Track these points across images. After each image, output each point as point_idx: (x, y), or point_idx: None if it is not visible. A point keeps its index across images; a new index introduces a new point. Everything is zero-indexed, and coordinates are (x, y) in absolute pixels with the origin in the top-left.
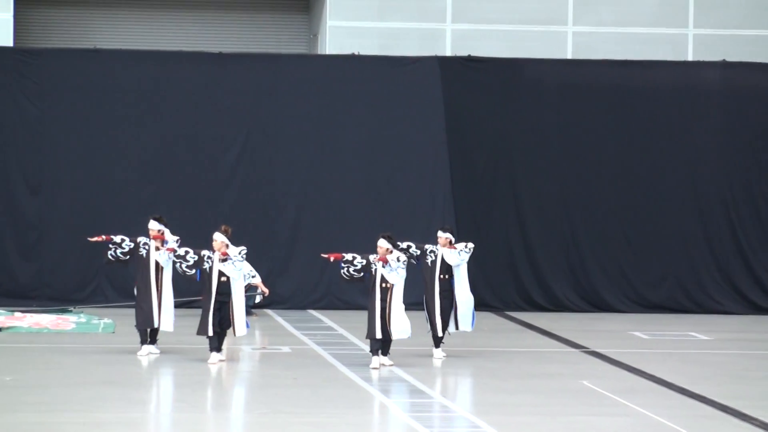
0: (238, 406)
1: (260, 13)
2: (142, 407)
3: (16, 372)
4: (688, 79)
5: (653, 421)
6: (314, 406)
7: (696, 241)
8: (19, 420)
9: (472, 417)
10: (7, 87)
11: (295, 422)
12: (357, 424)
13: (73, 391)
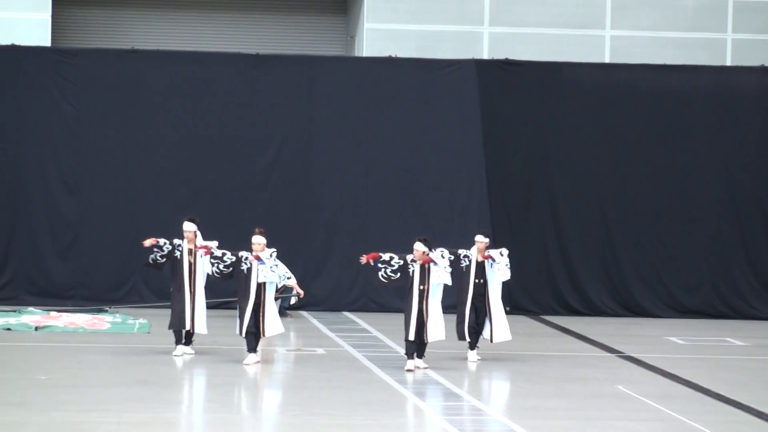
0: (271, 408)
1: (298, 14)
2: (176, 407)
3: (51, 371)
4: (725, 84)
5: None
6: (348, 409)
7: (733, 246)
8: (53, 419)
9: (507, 420)
10: (45, 86)
11: (328, 424)
12: (391, 427)
13: (107, 391)
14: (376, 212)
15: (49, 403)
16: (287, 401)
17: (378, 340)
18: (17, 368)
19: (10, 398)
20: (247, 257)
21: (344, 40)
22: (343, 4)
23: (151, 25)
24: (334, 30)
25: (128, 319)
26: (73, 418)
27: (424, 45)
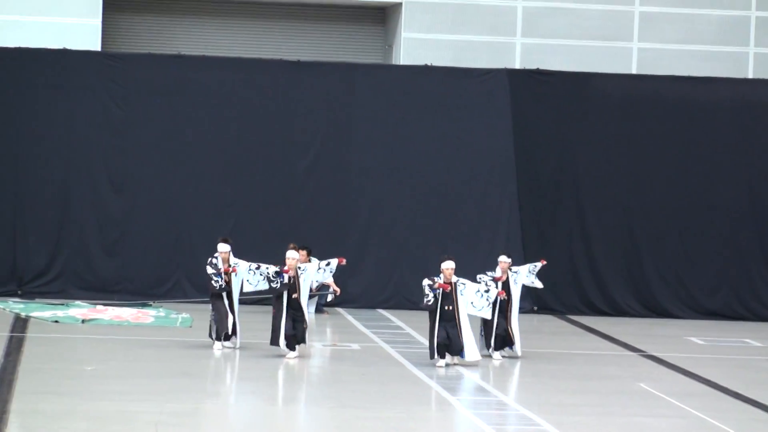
0: (308, 400)
1: (338, 23)
2: (216, 399)
3: (97, 362)
4: (747, 95)
5: (707, 424)
6: (381, 402)
7: (751, 251)
8: (99, 408)
9: (533, 415)
10: (94, 89)
11: (362, 416)
12: (422, 420)
13: (150, 382)
14: (409, 215)
15: (95, 392)
16: (323, 394)
17: (411, 336)
18: (65, 359)
19: (57, 388)
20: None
21: (382, 48)
22: (381, 14)
23: (196, 32)
24: (372, 39)
25: (171, 313)
26: (117, 407)
27: (459, 54)
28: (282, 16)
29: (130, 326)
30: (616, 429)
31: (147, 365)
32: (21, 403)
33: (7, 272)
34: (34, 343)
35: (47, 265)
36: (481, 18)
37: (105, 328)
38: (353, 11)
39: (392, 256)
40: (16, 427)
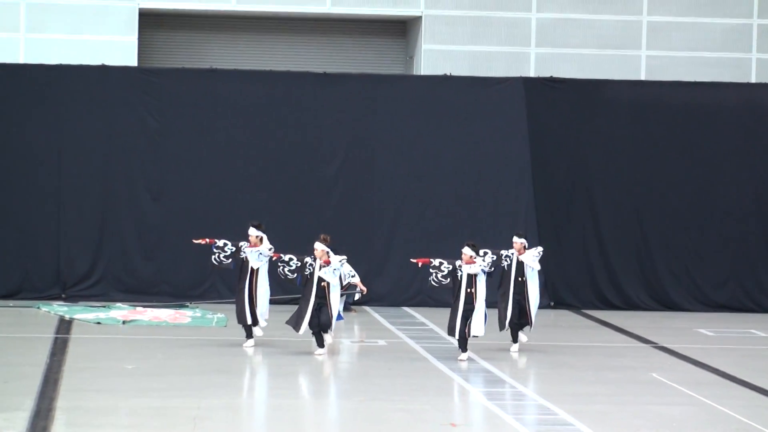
0: (337, 394)
1: (361, 36)
2: (250, 394)
3: (137, 361)
4: (750, 99)
5: (717, 411)
6: (407, 394)
7: (756, 247)
8: (140, 404)
9: (551, 405)
10: (131, 103)
11: (389, 408)
12: (445, 410)
13: (188, 379)
14: (431, 216)
15: (136, 390)
16: (352, 388)
17: (434, 332)
18: (107, 358)
19: (100, 386)
20: (311, 263)
21: (403, 60)
22: (402, 27)
23: (227, 47)
24: (394, 51)
25: (207, 313)
26: (157, 403)
27: (477, 64)
28: (308, 30)
29: (168, 326)
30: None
31: (184, 363)
32: (66, 401)
33: (52, 277)
34: (77, 344)
35: (89, 270)
36: (497, 30)
37: (144, 329)
38: (376, 25)
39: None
40: (62, 424)
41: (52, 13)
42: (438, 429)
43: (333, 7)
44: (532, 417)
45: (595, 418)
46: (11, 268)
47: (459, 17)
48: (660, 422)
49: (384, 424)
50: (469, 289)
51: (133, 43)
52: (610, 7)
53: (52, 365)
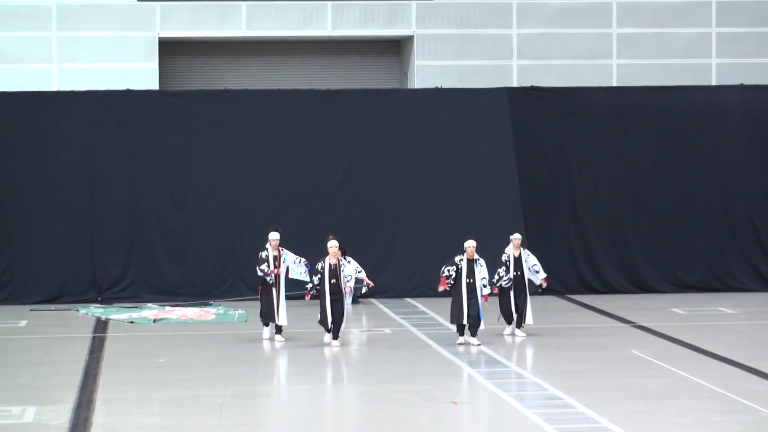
0: (349, 379)
1: (359, 55)
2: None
3: (168, 354)
4: (712, 100)
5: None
6: (411, 377)
7: (722, 233)
8: (171, 394)
9: (542, 382)
10: (154, 122)
11: (396, 390)
12: (447, 390)
13: (214, 369)
14: (429, 215)
15: (167, 381)
16: (361, 372)
17: (435, 320)
18: (140, 353)
19: (135, 378)
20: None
21: (398, 75)
22: (396, 46)
23: (239, 69)
24: (390, 67)
25: (229, 310)
26: (186, 392)
27: (465, 77)
28: (311, 52)
29: (194, 323)
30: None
31: (210, 356)
32: (105, 393)
33: (89, 282)
34: (113, 342)
35: (121, 275)
36: (482, 45)
37: (173, 326)
38: (372, 45)
39: (416, 253)
40: (102, 413)
41: (80, 45)
42: (441, 407)
43: (333, 30)
44: (526, 393)
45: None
46: (52, 275)
47: (447, 35)
48: (640, 393)
49: (392, 404)
50: (469, 279)
51: (154, 69)
52: (583, 21)
53: (91, 361)
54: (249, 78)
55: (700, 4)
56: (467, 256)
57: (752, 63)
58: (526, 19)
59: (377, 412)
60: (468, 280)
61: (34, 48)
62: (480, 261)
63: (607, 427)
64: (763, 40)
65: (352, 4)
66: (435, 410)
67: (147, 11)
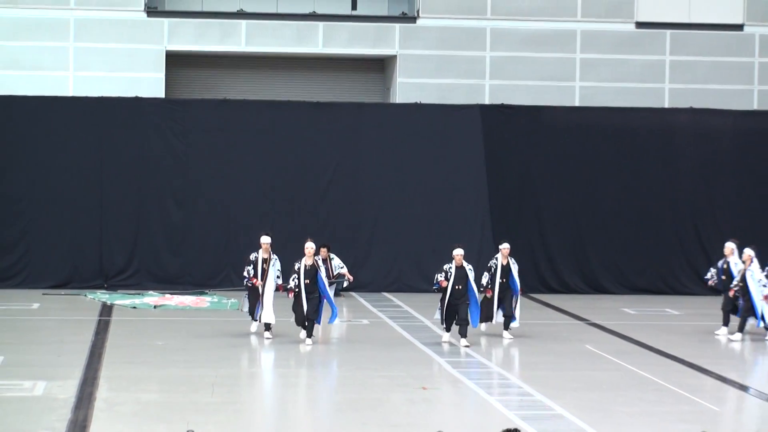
0: (330, 364)
1: (347, 72)
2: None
3: (166, 338)
4: (665, 120)
5: (638, 375)
6: (387, 364)
7: (671, 241)
8: (169, 374)
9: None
10: (160, 128)
11: (374, 375)
12: (419, 377)
13: (208, 353)
14: (406, 218)
15: (165, 361)
16: (343, 359)
17: (408, 313)
18: (141, 336)
19: (135, 358)
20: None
21: (382, 90)
22: (381, 64)
23: (237, 81)
24: (374, 83)
25: (223, 299)
26: (182, 372)
27: (442, 94)
28: (303, 67)
29: (191, 310)
30: (568, 380)
31: (204, 340)
32: (108, 371)
33: (96, 270)
34: (117, 325)
35: (126, 264)
36: (458, 66)
37: (172, 312)
38: (359, 63)
39: (393, 252)
40: (105, 389)
41: (95, 55)
42: (412, 392)
43: (324, 48)
44: (488, 381)
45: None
46: (62, 263)
47: (427, 56)
48: (592, 384)
49: (368, 388)
50: (458, 285)
51: (161, 79)
52: (550, 47)
53: (96, 342)
54: (246, 89)
55: (655, 34)
56: (455, 263)
57: (702, 88)
58: (498, 43)
59: (355, 395)
60: (456, 287)
61: (52, 57)
62: (469, 268)
63: (561, 414)
64: (711, 68)
65: (341, 25)
66: (407, 394)
67: (156, 26)
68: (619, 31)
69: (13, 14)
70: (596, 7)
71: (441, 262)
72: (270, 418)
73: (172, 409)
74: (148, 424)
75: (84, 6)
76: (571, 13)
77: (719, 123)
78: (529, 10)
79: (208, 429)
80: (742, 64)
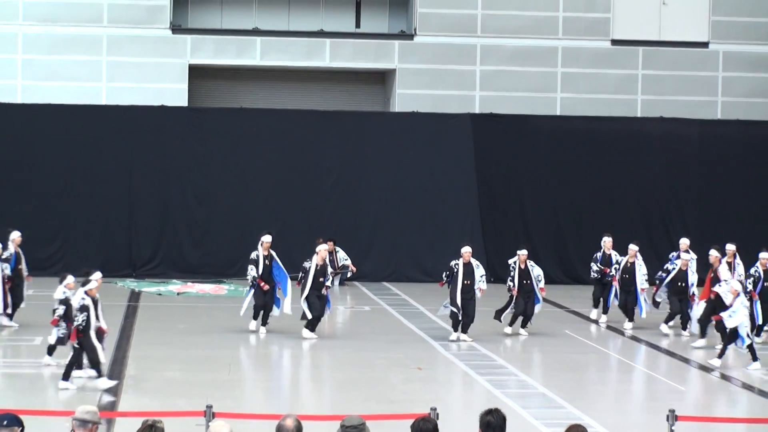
0: (336, 345)
1: (352, 84)
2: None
3: (188, 322)
4: (637, 129)
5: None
6: (386, 346)
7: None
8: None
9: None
10: (183, 134)
11: (374, 357)
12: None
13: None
14: (403, 215)
15: (187, 343)
16: (346, 342)
17: (406, 301)
18: (165, 320)
19: (159, 340)
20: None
21: (383, 100)
22: (381, 77)
23: (252, 92)
24: (376, 94)
25: (239, 287)
26: (203, 353)
27: (436, 103)
28: (312, 79)
29: (210, 297)
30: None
31: (223, 323)
32: (136, 351)
33: (125, 260)
34: (144, 310)
35: (153, 255)
36: (451, 78)
37: (193, 299)
38: (362, 75)
39: (392, 246)
40: (133, 368)
41: (125, 68)
42: (408, 371)
43: (331, 62)
44: (478, 362)
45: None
46: (95, 253)
47: (423, 69)
48: (571, 366)
49: (369, 368)
50: (466, 281)
51: (184, 89)
52: (534, 62)
53: (125, 325)
54: (261, 99)
55: (629, 50)
56: (463, 260)
57: (670, 100)
58: (487, 58)
59: (357, 374)
60: (465, 282)
61: (87, 69)
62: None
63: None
64: (679, 81)
65: (346, 41)
66: (403, 374)
67: (180, 42)
68: (596, 47)
69: (53, 32)
70: (575, 26)
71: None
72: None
73: (192, 386)
74: (172, 399)
75: (115, 24)
76: (553, 31)
77: (686, 131)
78: (515, 29)
79: (226, 403)
80: (706, 78)
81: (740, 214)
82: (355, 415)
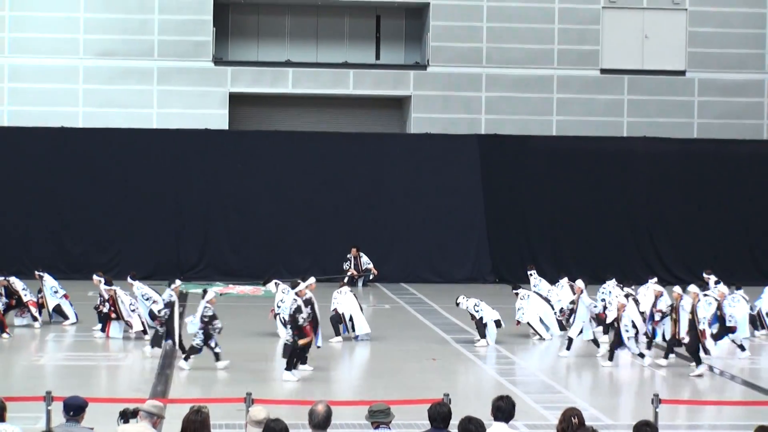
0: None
1: (372, 109)
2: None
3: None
4: (623, 148)
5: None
6: (402, 338)
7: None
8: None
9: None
10: (224, 154)
11: (394, 349)
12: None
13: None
14: (418, 225)
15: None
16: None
17: (422, 299)
18: None
19: None
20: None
21: (400, 123)
22: (399, 102)
23: (285, 116)
24: (393, 117)
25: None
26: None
27: (447, 126)
28: (338, 105)
29: (249, 297)
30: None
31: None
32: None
33: (173, 265)
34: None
35: (197, 260)
36: (460, 103)
37: (234, 299)
38: (381, 101)
39: (408, 251)
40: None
41: (173, 96)
42: (424, 362)
43: (354, 90)
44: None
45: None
46: (148, 260)
47: (435, 96)
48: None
49: (388, 359)
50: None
51: (225, 114)
52: (532, 88)
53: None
54: (293, 123)
55: (616, 78)
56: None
57: (653, 121)
58: (492, 86)
59: (378, 365)
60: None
61: (139, 98)
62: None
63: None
64: (660, 105)
65: (367, 71)
66: (420, 364)
67: (221, 73)
68: (587, 76)
69: (110, 64)
70: (568, 57)
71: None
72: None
73: (233, 376)
74: (215, 388)
75: (164, 57)
76: (549, 62)
77: (666, 149)
78: (516, 60)
79: (264, 391)
80: (684, 102)
81: (714, 222)
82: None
